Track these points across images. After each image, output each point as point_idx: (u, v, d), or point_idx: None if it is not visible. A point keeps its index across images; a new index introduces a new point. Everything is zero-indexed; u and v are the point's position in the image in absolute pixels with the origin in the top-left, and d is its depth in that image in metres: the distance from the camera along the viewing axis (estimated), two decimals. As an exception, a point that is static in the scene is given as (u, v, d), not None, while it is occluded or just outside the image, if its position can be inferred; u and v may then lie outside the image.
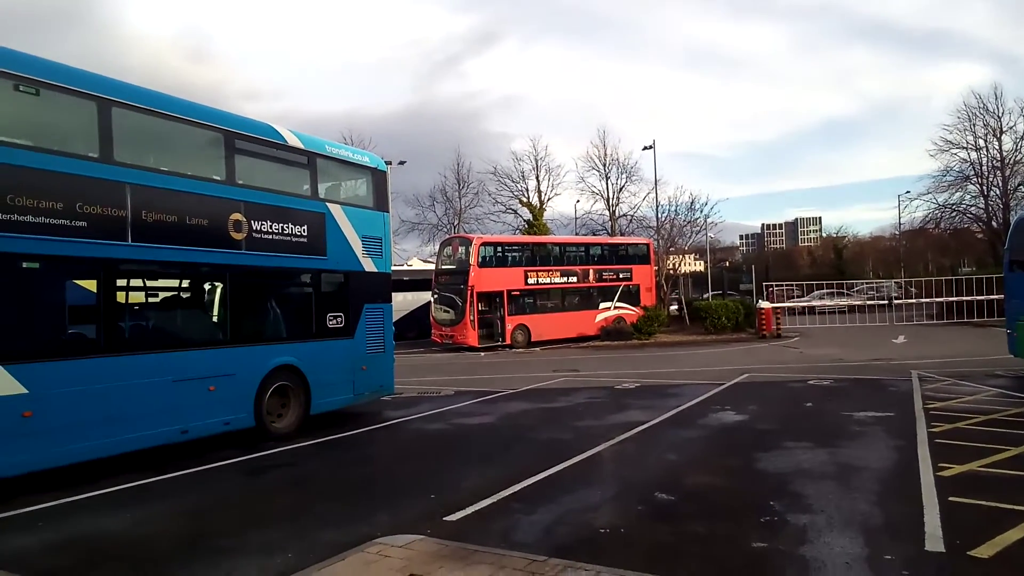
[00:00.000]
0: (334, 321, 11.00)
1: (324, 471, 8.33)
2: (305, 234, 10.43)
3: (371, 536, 5.31)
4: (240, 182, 9.53)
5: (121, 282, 8.21)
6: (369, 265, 11.67)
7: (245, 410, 9.33)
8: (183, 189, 8.62)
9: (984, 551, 4.79)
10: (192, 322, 9.57)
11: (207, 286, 9.70)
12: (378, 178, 12.32)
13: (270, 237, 9.87)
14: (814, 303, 33.38)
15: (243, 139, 9.62)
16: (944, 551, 4.86)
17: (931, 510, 5.72)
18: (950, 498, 6.02)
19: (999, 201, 35.94)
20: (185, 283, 9.44)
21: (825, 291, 35.11)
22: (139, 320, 8.79)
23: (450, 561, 4.68)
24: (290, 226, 10.18)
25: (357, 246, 11.44)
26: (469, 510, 6.13)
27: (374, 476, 7.95)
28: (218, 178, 9.30)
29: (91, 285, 7.90)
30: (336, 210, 11.11)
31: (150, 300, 9.11)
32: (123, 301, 8.33)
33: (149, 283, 8.97)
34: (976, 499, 5.96)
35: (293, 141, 10.49)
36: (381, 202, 12.33)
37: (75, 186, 7.43)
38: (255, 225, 9.59)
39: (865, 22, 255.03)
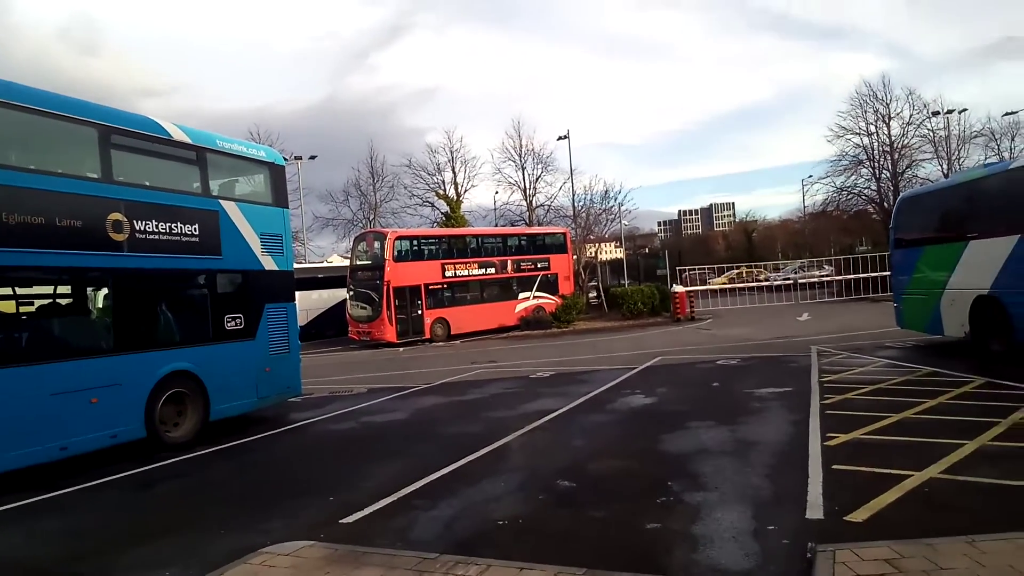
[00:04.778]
0: (233, 323, 10.54)
1: (220, 480, 7.97)
2: (197, 233, 9.93)
3: (262, 546, 5.08)
4: (119, 179, 8.95)
5: (-19, 290, 7.56)
6: (269, 263, 11.23)
7: (135, 421, 8.81)
8: (49, 188, 7.98)
9: (859, 515, 5.01)
10: (69, 330, 8.91)
11: (86, 291, 9.08)
12: (276, 173, 11.87)
13: (156, 237, 9.34)
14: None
15: (121, 134, 9.04)
16: (823, 518, 5.06)
17: (815, 479, 5.95)
18: (833, 466, 6.28)
19: (890, 183, 38.13)
20: (60, 289, 8.79)
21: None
22: (6, 330, 8.09)
23: (338, 566, 4.52)
24: (179, 225, 9.67)
25: (255, 244, 10.99)
26: (368, 510, 5.97)
27: (273, 482, 7.64)
28: (93, 176, 8.69)
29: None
30: (231, 207, 10.63)
31: (21, 308, 8.41)
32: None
33: (18, 290, 8.28)
34: (857, 466, 6.24)
35: (179, 136, 9.94)
36: (280, 198, 11.88)
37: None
38: (138, 225, 9.05)
39: (769, 12, 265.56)
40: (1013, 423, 7.37)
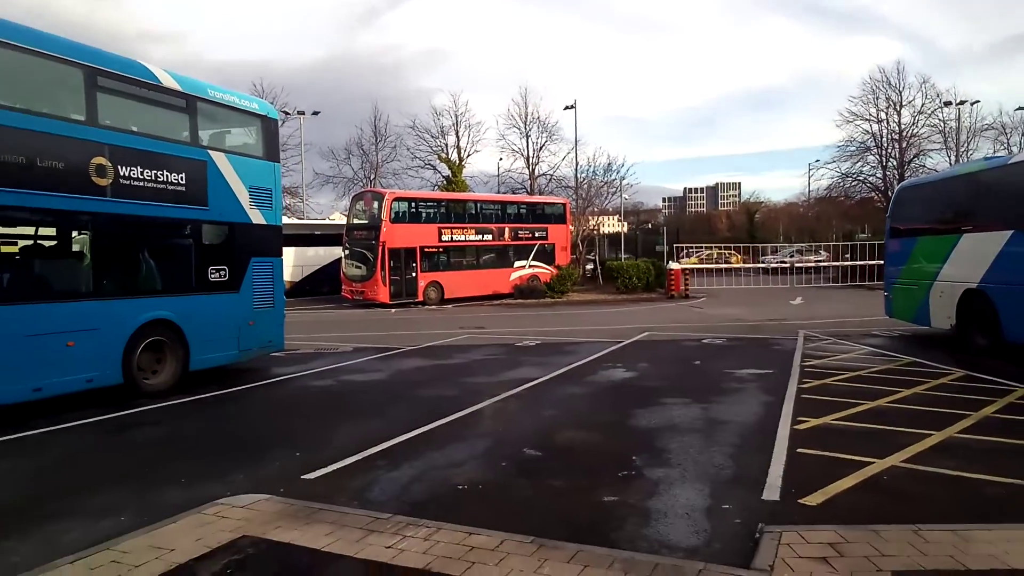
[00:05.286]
0: (217, 274, 10.51)
1: (191, 429, 8.01)
2: (183, 182, 9.85)
3: (220, 496, 5.11)
4: (105, 123, 8.83)
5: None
6: (257, 217, 11.17)
7: (111, 366, 8.83)
8: (31, 128, 7.87)
9: (815, 499, 5.02)
10: (47, 273, 8.84)
11: (66, 234, 9.01)
12: (268, 126, 11.74)
13: (141, 184, 9.25)
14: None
15: (108, 76, 8.89)
16: (779, 499, 5.07)
17: (778, 461, 5.96)
18: (798, 450, 6.29)
19: (896, 172, 37.81)
20: (39, 231, 8.72)
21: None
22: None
23: (290, 520, 4.54)
24: (165, 173, 9.57)
25: (244, 197, 10.91)
26: (330, 468, 6.00)
27: (243, 434, 7.69)
28: (77, 118, 8.57)
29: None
30: (220, 158, 10.52)
31: None
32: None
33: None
34: (822, 450, 6.25)
35: (169, 82, 9.79)
36: (272, 152, 11.76)
37: None
38: (122, 171, 8.96)
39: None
40: (983, 417, 7.39)
